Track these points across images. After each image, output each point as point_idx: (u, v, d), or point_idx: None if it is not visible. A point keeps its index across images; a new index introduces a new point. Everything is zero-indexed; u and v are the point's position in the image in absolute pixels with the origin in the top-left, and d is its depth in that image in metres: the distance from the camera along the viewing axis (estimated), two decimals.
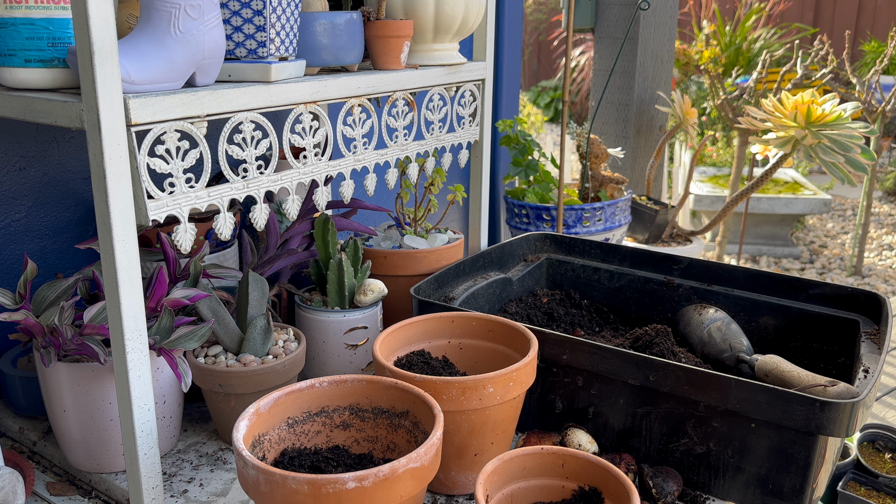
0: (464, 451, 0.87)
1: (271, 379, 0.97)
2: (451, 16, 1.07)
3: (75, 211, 1.15)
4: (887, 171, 4.81)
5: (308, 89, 0.90)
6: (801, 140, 1.61)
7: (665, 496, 0.87)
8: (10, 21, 0.77)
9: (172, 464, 0.97)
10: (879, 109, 2.45)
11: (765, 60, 2.61)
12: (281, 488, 0.66)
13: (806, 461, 0.83)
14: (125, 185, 0.72)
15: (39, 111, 0.76)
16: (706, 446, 0.89)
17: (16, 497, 0.83)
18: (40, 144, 1.09)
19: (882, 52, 3.69)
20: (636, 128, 2.49)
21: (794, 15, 5.89)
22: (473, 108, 1.24)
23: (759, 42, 4.59)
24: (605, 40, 2.49)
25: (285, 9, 0.87)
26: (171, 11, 0.76)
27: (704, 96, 4.51)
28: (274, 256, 1.16)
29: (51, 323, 0.86)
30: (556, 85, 6.65)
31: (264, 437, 0.79)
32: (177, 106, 0.75)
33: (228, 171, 0.83)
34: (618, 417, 0.95)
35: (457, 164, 1.38)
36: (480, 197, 1.32)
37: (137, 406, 0.78)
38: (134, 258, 0.74)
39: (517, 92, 2.04)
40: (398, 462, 0.67)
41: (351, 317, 1.13)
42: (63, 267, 1.14)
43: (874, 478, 1.57)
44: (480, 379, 0.83)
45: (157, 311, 0.91)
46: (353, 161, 1.01)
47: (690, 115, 2.20)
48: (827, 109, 1.58)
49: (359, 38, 0.99)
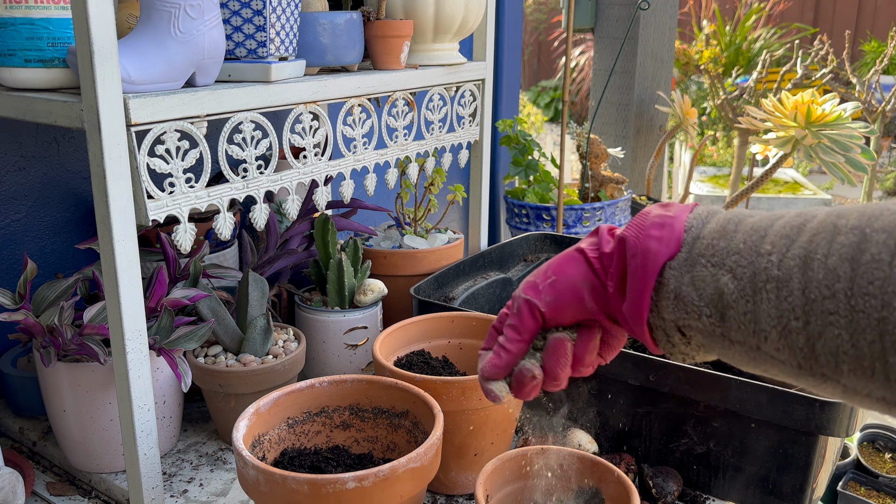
0: (464, 451, 0.87)
1: (271, 379, 0.97)
2: (451, 16, 1.07)
3: (75, 211, 1.15)
4: (887, 170, 4.81)
5: (308, 89, 0.90)
6: (801, 140, 1.61)
7: (665, 496, 0.87)
8: (10, 21, 0.77)
9: (172, 464, 0.97)
10: (879, 109, 2.45)
11: (765, 60, 2.61)
12: (281, 488, 0.66)
13: (806, 461, 0.83)
14: (125, 185, 0.72)
15: (39, 111, 0.76)
16: (706, 446, 0.89)
17: (16, 497, 0.83)
18: (40, 144, 1.09)
19: (882, 52, 3.69)
20: (636, 128, 2.49)
21: (794, 15, 5.89)
22: (473, 108, 1.24)
23: (759, 42, 4.59)
24: (604, 40, 2.49)
25: (285, 9, 0.87)
26: (170, 11, 0.76)
27: (704, 96, 4.51)
28: (274, 256, 1.16)
29: (50, 323, 0.86)
30: (556, 85, 6.65)
31: (264, 437, 0.79)
32: (177, 106, 0.75)
33: (228, 171, 0.83)
34: (618, 417, 0.95)
35: (457, 164, 1.38)
36: (480, 197, 1.32)
37: (137, 406, 0.78)
38: (134, 258, 0.74)
39: (517, 92, 2.04)
40: (398, 462, 0.67)
41: (351, 317, 1.13)
42: (63, 267, 1.14)
43: (874, 478, 1.57)
44: None
45: (157, 311, 0.91)
46: (353, 161, 1.01)
47: (690, 115, 2.20)
48: (827, 109, 1.58)
49: (359, 37, 0.99)
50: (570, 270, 0.54)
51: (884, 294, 0.39)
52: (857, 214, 0.42)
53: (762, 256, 0.45)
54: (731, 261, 0.46)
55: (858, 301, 0.40)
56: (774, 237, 0.45)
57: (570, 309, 0.55)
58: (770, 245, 0.45)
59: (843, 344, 0.41)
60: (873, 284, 0.39)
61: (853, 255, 0.41)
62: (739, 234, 0.47)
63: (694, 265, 0.48)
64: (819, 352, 0.42)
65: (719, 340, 0.48)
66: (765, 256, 0.45)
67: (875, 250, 0.40)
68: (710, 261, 0.47)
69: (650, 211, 0.52)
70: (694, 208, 0.52)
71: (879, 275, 0.39)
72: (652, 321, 0.51)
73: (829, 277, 0.41)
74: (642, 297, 0.50)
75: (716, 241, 0.48)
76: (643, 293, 0.50)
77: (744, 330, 0.46)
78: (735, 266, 0.46)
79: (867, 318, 0.39)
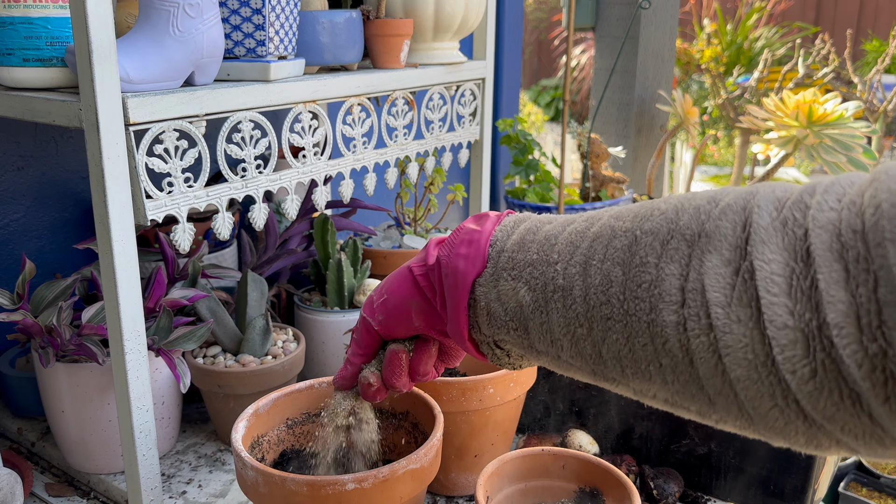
0: (464, 453, 0.87)
1: (270, 379, 0.97)
2: (452, 14, 1.06)
3: (74, 211, 1.15)
4: None
5: (307, 88, 0.90)
6: (802, 139, 1.60)
7: (666, 497, 0.86)
8: (9, 20, 0.77)
9: (171, 465, 0.96)
10: (881, 109, 2.44)
11: (766, 59, 2.60)
12: (280, 489, 0.66)
13: (807, 462, 0.82)
14: (123, 185, 0.72)
15: (38, 110, 0.76)
16: (707, 447, 0.88)
17: (14, 498, 0.83)
18: (38, 144, 1.09)
19: (884, 52, 3.69)
20: (637, 127, 2.48)
21: (795, 14, 5.88)
22: (473, 108, 1.24)
23: (761, 41, 4.59)
24: (605, 39, 2.48)
25: (284, 7, 0.87)
26: (169, 10, 0.75)
27: (706, 95, 4.50)
28: (273, 256, 1.16)
29: (49, 323, 0.85)
30: (556, 84, 6.64)
31: (263, 438, 0.78)
32: (175, 105, 0.75)
33: (227, 171, 0.83)
34: (619, 418, 0.94)
35: (457, 164, 1.37)
36: (480, 197, 1.31)
37: (136, 407, 0.77)
38: (132, 258, 0.74)
39: (517, 91, 2.04)
40: (398, 463, 0.67)
41: (350, 317, 1.13)
42: (61, 267, 1.14)
43: (875, 478, 1.57)
44: (481, 380, 0.83)
45: (156, 312, 0.90)
46: (353, 160, 1.00)
47: (692, 114, 2.19)
48: (829, 109, 1.58)
49: (358, 36, 0.99)
50: (399, 289, 0.56)
51: (651, 297, 0.38)
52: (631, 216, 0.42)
53: (551, 266, 0.45)
54: (526, 273, 0.46)
55: (630, 305, 0.39)
56: (562, 245, 0.45)
57: (401, 327, 0.57)
58: (557, 254, 0.45)
59: (621, 348, 0.41)
60: (641, 287, 0.39)
61: (624, 259, 0.40)
62: (535, 244, 0.47)
63: (498, 280, 0.48)
64: (605, 357, 0.42)
65: (529, 351, 0.48)
66: (552, 265, 0.45)
67: (643, 253, 0.40)
68: (511, 274, 0.47)
69: (463, 226, 0.52)
70: (503, 219, 0.52)
71: (647, 278, 0.39)
72: (474, 336, 0.51)
73: (604, 283, 0.41)
74: (458, 315, 0.51)
75: (515, 253, 0.48)
76: (458, 312, 0.50)
77: (543, 340, 0.46)
78: (530, 278, 0.46)
79: (638, 322, 0.39)
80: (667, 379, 0.39)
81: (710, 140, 4.35)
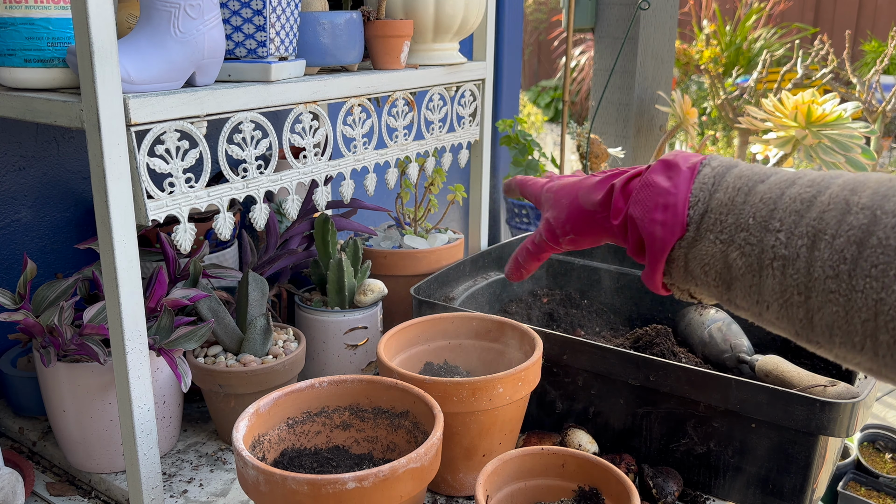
0: (472, 452, 0.87)
1: (271, 379, 0.97)
2: (452, 15, 1.07)
3: (75, 211, 1.15)
4: (888, 170, 4.82)
5: (308, 89, 0.90)
6: (801, 140, 1.61)
7: (665, 496, 0.87)
8: (10, 21, 0.77)
9: (172, 464, 0.97)
10: (880, 109, 2.45)
11: (765, 60, 2.61)
12: (281, 488, 0.66)
13: (806, 461, 0.83)
14: (125, 185, 0.72)
15: (39, 111, 0.76)
16: (706, 446, 0.89)
17: (15, 497, 0.83)
18: (40, 144, 1.09)
19: (882, 52, 3.69)
20: (636, 128, 2.49)
21: (794, 15, 5.89)
22: (473, 108, 1.24)
23: (760, 42, 4.59)
24: (605, 40, 2.48)
25: (285, 8, 0.87)
26: (170, 11, 0.76)
27: (705, 96, 4.51)
28: (274, 256, 1.16)
29: (50, 323, 0.86)
30: (556, 85, 6.65)
31: (264, 438, 0.79)
32: (176, 106, 0.75)
33: (228, 171, 0.83)
34: (618, 417, 0.95)
35: (457, 164, 1.38)
36: (480, 197, 1.32)
37: (137, 406, 0.78)
38: (133, 258, 0.74)
39: (517, 92, 2.04)
40: (398, 462, 0.67)
41: (351, 317, 1.13)
42: (63, 267, 1.14)
43: (874, 478, 1.57)
44: (490, 379, 0.83)
45: (157, 311, 0.90)
46: (353, 161, 1.01)
47: (691, 114, 2.19)
48: (827, 109, 1.58)
49: (359, 37, 0.99)
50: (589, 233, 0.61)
51: (885, 277, 0.39)
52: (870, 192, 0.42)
53: (771, 233, 0.45)
54: (740, 238, 0.47)
55: (859, 282, 0.40)
56: (783, 212, 0.45)
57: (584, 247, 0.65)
58: (779, 222, 0.45)
59: (838, 320, 0.41)
60: (876, 268, 0.39)
61: (861, 238, 0.41)
62: (748, 206, 0.47)
63: (699, 240, 0.50)
64: (816, 324, 0.43)
65: (725, 302, 0.50)
66: (773, 234, 0.45)
67: (883, 234, 0.40)
68: (718, 237, 0.48)
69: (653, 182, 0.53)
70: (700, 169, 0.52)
71: (884, 259, 0.39)
72: (666, 282, 0.55)
73: (835, 258, 0.41)
74: (654, 273, 0.54)
75: (723, 215, 0.48)
76: (655, 271, 0.54)
77: (748, 300, 0.47)
78: (744, 243, 0.47)
79: (865, 299, 0.40)
80: (879, 352, 0.40)
81: (708, 140, 4.36)
